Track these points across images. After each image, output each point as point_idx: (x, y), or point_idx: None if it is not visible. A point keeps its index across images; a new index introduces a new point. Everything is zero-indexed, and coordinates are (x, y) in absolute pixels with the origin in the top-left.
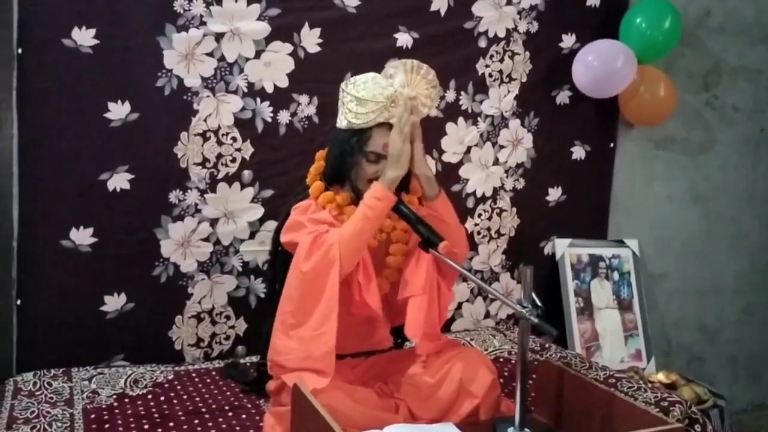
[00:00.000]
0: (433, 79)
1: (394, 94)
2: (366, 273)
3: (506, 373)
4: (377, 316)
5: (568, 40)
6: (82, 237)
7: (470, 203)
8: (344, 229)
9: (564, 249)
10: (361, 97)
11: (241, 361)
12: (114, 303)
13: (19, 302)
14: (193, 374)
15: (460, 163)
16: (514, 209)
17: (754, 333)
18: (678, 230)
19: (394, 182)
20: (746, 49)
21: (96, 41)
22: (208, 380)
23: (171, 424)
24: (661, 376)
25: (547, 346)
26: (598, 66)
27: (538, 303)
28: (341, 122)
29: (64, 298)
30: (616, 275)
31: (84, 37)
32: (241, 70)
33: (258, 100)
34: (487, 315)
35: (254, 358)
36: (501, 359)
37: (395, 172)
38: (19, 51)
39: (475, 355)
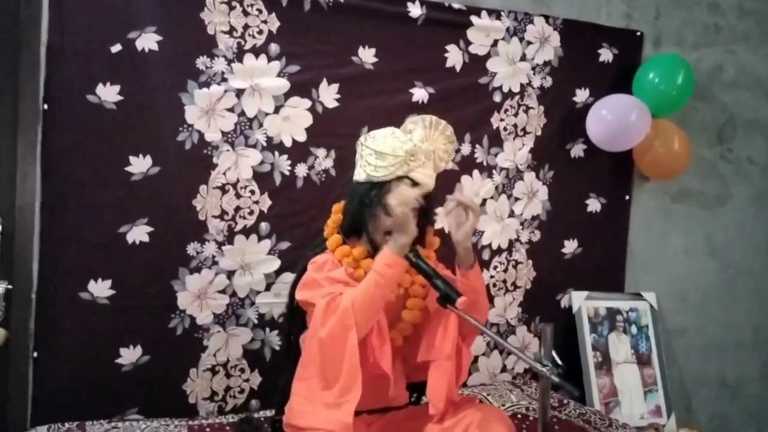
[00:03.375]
0: (451, 135)
1: (414, 149)
2: (380, 335)
3: (524, 431)
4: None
5: (581, 95)
6: (101, 289)
7: (486, 255)
8: (356, 295)
9: (581, 302)
10: (381, 151)
11: (255, 415)
12: (130, 356)
13: (35, 354)
14: (207, 429)
15: None
16: (530, 261)
17: None
18: (695, 283)
19: (404, 248)
20: (760, 103)
21: (120, 97)
22: None
23: None
24: None
25: (565, 402)
26: (612, 120)
27: (559, 362)
28: (360, 175)
29: (80, 350)
30: (634, 329)
31: (108, 93)
32: (261, 125)
33: (276, 153)
34: (504, 369)
35: (268, 413)
36: (519, 415)
37: (403, 239)
38: (45, 107)
39: (492, 412)
